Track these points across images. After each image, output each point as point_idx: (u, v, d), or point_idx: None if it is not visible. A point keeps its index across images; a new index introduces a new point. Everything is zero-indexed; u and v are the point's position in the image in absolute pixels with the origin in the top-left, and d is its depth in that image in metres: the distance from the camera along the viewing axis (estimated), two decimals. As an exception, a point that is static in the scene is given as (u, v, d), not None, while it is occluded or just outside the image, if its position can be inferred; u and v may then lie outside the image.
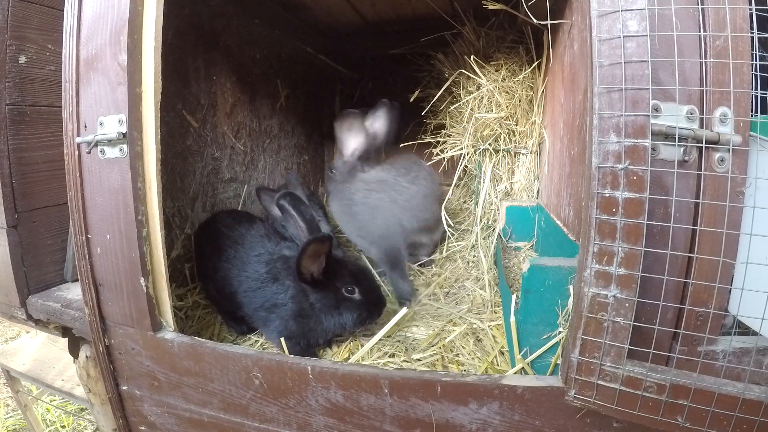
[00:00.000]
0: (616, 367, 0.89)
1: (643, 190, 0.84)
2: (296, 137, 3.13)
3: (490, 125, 2.25)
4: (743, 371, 0.90)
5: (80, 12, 1.24)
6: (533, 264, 1.17)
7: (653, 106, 0.86)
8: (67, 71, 1.26)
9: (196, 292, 1.92)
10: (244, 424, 1.25)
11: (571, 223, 1.59)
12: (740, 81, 0.85)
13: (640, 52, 0.84)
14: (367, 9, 2.80)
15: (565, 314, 1.15)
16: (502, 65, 2.29)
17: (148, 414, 1.39)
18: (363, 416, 1.11)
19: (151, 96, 1.20)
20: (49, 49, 1.65)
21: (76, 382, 2.00)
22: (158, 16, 1.19)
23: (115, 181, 1.23)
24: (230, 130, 2.34)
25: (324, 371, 1.11)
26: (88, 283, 1.33)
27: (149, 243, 1.26)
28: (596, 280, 0.88)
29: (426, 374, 1.06)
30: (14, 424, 2.80)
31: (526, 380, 1.02)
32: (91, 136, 1.22)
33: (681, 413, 0.87)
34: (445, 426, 1.06)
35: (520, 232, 2.14)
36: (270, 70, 2.73)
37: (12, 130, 1.56)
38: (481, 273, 2.00)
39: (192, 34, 2.01)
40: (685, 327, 0.91)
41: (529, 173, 2.26)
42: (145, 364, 1.33)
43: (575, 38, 1.58)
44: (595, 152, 0.87)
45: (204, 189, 2.15)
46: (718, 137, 0.85)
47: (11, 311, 1.68)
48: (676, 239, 0.89)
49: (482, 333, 1.53)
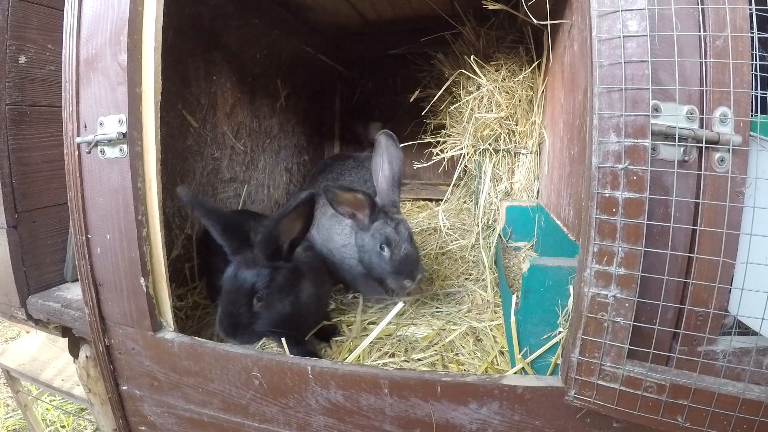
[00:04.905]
0: (616, 367, 0.89)
1: (643, 190, 0.84)
2: (296, 137, 3.14)
3: (490, 125, 2.25)
4: (743, 371, 0.90)
5: (80, 12, 1.24)
6: (533, 264, 1.17)
7: (653, 106, 0.86)
8: (67, 71, 1.26)
9: (196, 292, 1.92)
10: (244, 424, 1.25)
11: (571, 223, 1.59)
12: (740, 81, 0.85)
13: (640, 52, 0.84)
14: (367, 9, 2.81)
15: (565, 314, 1.15)
16: (502, 65, 2.29)
17: (148, 414, 1.39)
18: (363, 416, 1.11)
19: (151, 96, 1.20)
20: (49, 49, 1.65)
21: (76, 381, 2.00)
22: (158, 16, 1.19)
23: (115, 181, 1.23)
24: (230, 130, 2.35)
25: (324, 371, 1.11)
26: (88, 283, 1.33)
27: (149, 243, 1.26)
28: (596, 280, 0.88)
29: (426, 374, 1.06)
30: (14, 424, 2.79)
31: (526, 380, 1.02)
32: (91, 136, 1.22)
33: (681, 413, 0.87)
34: (445, 426, 1.06)
35: (520, 232, 2.14)
36: (270, 70, 2.73)
37: (12, 130, 1.56)
38: (481, 273, 2.00)
39: (192, 34, 2.01)
40: (685, 327, 0.91)
41: (529, 173, 2.26)
42: (145, 364, 1.33)
43: (575, 38, 1.58)
44: (595, 152, 0.87)
45: (204, 189, 2.15)
46: (718, 137, 0.85)
47: (11, 311, 1.68)
48: (676, 239, 0.89)
49: (482, 333, 1.53)
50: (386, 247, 1.54)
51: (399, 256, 1.51)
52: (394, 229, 1.54)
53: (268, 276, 1.33)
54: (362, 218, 1.57)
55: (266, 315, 1.34)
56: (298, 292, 1.44)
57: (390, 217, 1.58)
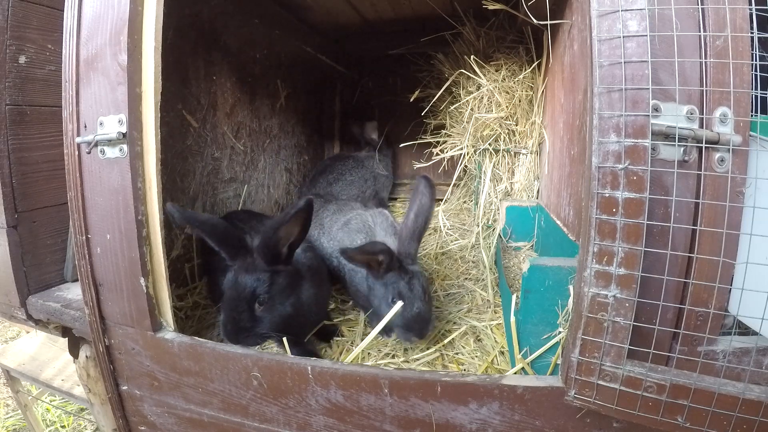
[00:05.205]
0: (616, 367, 0.89)
1: (643, 190, 0.84)
2: (296, 137, 3.13)
3: (490, 125, 2.25)
4: (743, 371, 0.90)
5: (80, 12, 1.24)
6: (533, 264, 1.17)
7: (653, 106, 0.86)
8: (67, 71, 1.26)
9: (196, 292, 1.92)
10: (244, 424, 1.25)
11: (571, 223, 1.59)
12: (740, 81, 0.85)
13: (640, 52, 0.84)
14: (367, 9, 2.81)
15: (565, 314, 1.15)
16: (502, 65, 2.29)
17: (148, 414, 1.39)
18: (363, 416, 1.11)
19: (151, 96, 1.20)
20: (49, 49, 1.65)
21: (76, 381, 2.00)
22: (158, 16, 1.19)
23: (115, 181, 1.23)
24: (230, 130, 2.35)
25: (324, 371, 1.11)
26: (88, 283, 1.33)
27: (149, 243, 1.26)
28: (596, 280, 0.88)
29: (426, 374, 1.06)
30: (14, 424, 2.80)
31: (526, 380, 1.02)
32: (91, 136, 1.22)
33: (681, 413, 0.87)
34: (445, 426, 1.06)
35: (520, 232, 2.14)
36: (270, 70, 2.73)
37: (12, 130, 1.56)
38: (481, 273, 2.00)
39: (192, 34, 2.01)
40: (685, 327, 0.91)
41: (529, 173, 2.26)
42: (145, 364, 1.33)
43: (575, 38, 1.58)
44: (595, 152, 0.87)
45: (204, 189, 2.15)
46: (718, 137, 0.85)
47: (11, 311, 1.68)
48: (676, 239, 0.89)
49: (482, 333, 1.53)
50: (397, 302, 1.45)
51: (410, 314, 1.43)
52: (407, 284, 1.47)
53: (268, 280, 1.34)
54: (377, 268, 1.49)
55: (268, 318, 1.35)
56: (299, 293, 1.44)
57: (405, 269, 1.50)
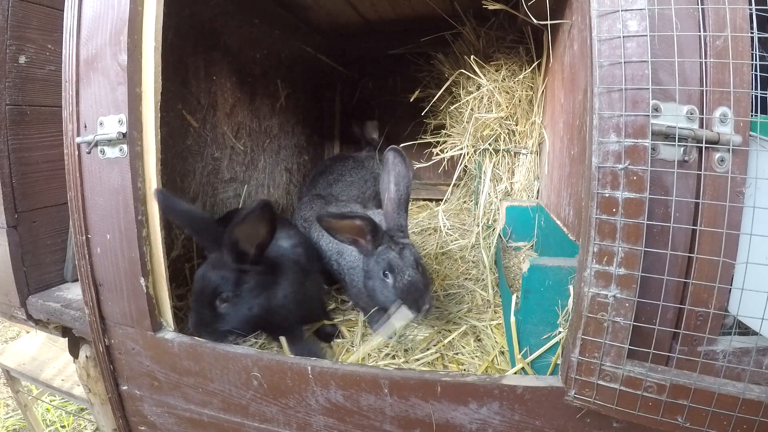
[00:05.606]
0: (616, 367, 0.89)
1: (643, 190, 0.84)
2: (296, 137, 3.13)
3: (490, 125, 2.25)
4: (743, 371, 0.90)
5: (80, 12, 1.24)
6: (533, 264, 1.17)
7: (653, 106, 0.86)
8: (67, 71, 1.26)
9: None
10: (244, 424, 1.25)
11: (571, 223, 1.59)
12: (740, 81, 0.85)
13: (640, 52, 0.84)
14: (367, 9, 2.81)
15: (565, 314, 1.15)
16: (502, 65, 2.29)
17: (148, 414, 1.39)
18: (363, 416, 1.11)
19: (151, 96, 1.20)
20: (49, 49, 1.65)
21: (76, 381, 2.00)
22: (158, 16, 1.19)
23: (115, 181, 1.23)
24: (230, 130, 2.35)
25: (324, 371, 1.11)
26: (88, 283, 1.33)
27: (149, 243, 1.26)
28: (596, 280, 0.88)
29: (426, 374, 1.06)
30: (14, 424, 2.79)
31: (526, 380, 1.02)
32: (91, 136, 1.22)
33: (681, 413, 0.87)
34: (445, 426, 1.06)
35: (520, 232, 2.14)
36: (270, 70, 2.73)
37: (12, 130, 1.56)
38: (481, 273, 2.00)
39: (192, 34, 2.01)
40: (685, 327, 0.91)
41: (529, 173, 2.26)
42: (145, 364, 1.33)
43: (575, 38, 1.58)
44: (595, 152, 0.87)
45: (204, 189, 2.15)
46: (718, 137, 0.85)
47: (11, 311, 1.68)
48: (676, 239, 0.89)
49: (482, 333, 1.53)
50: (389, 274, 1.42)
51: (402, 283, 1.38)
52: (398, 254, 1.42)
53: (233, 279, 1.34)
54: (364, 244, 1.46)
55: (232, 316, 1.35)
56: (272, 293, 1.41)
57: (395, 241, 1.45)
